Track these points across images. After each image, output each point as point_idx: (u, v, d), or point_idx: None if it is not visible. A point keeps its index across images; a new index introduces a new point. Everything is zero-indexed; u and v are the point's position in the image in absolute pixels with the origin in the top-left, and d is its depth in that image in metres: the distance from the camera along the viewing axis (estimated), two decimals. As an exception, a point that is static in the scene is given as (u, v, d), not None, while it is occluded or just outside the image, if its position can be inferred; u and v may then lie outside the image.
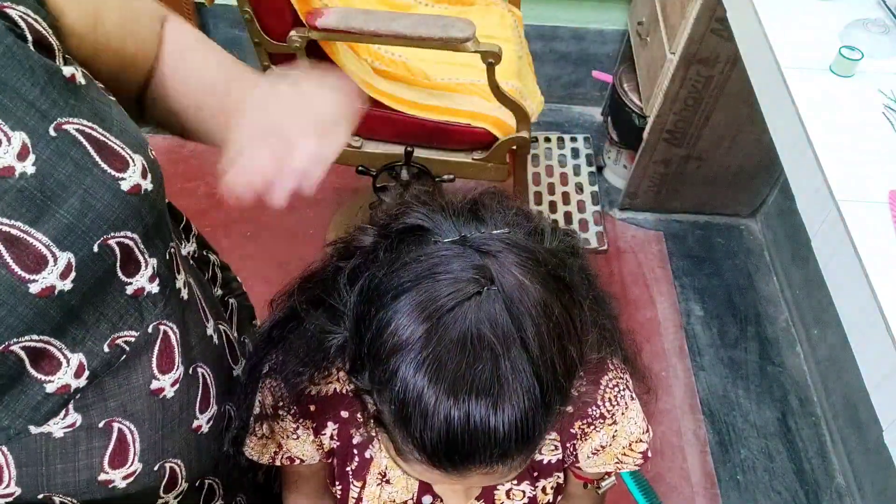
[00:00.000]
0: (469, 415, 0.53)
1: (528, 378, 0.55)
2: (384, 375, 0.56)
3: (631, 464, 0.83)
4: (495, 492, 0.85)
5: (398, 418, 0.56)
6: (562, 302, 0.59)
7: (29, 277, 0.55)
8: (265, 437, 0.82)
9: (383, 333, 0.56)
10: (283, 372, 0.73)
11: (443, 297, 0.55)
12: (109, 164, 0.59)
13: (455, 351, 0.54)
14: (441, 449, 0.55)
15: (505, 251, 0.58)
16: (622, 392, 0.78)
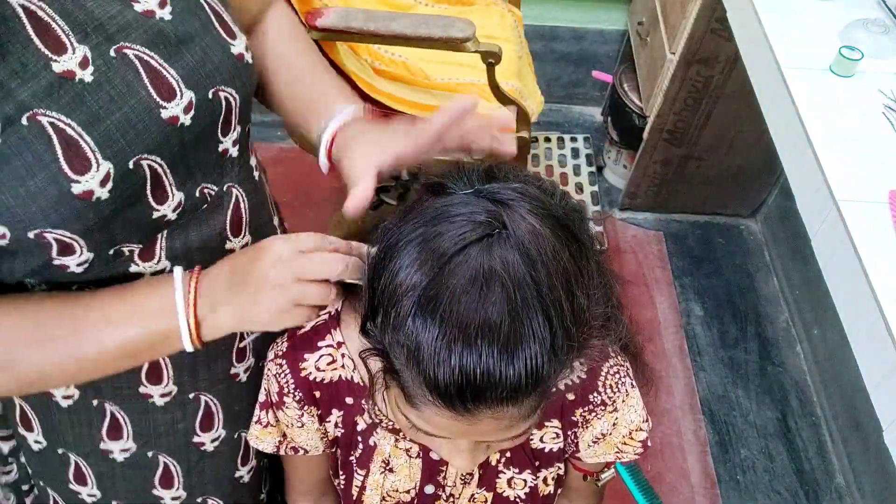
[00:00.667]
0: (481, 350, 0.54)
1: (538, 317, 0.55)
2: (397, 317, 0.57)
3: (631, 453, 0.84)
4: (496, 480, 0.85)
5: (411, 359, 0.56)
6: (570, 251, 0.59)
7: (161, 103, 0.64)
8: (270, 424, 0.83)
9: (397, 277, 0.57)
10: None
11: (455, 236, 0.56)
12: (224, 31, 0.70)
13: (466, 289, 0.55)
14: (453, 387, 0.55)
15: (518, 200, 0.59)
16: (622, 379, 0.79)
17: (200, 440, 0.85)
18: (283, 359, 0.79)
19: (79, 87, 0.60)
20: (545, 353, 0.56)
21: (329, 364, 0.78)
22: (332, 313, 0.79)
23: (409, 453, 0.83)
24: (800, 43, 1.29)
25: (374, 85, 1.59)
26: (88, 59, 0.61)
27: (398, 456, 0.83)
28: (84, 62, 0.61)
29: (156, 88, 0.64)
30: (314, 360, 0.78)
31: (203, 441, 0.86)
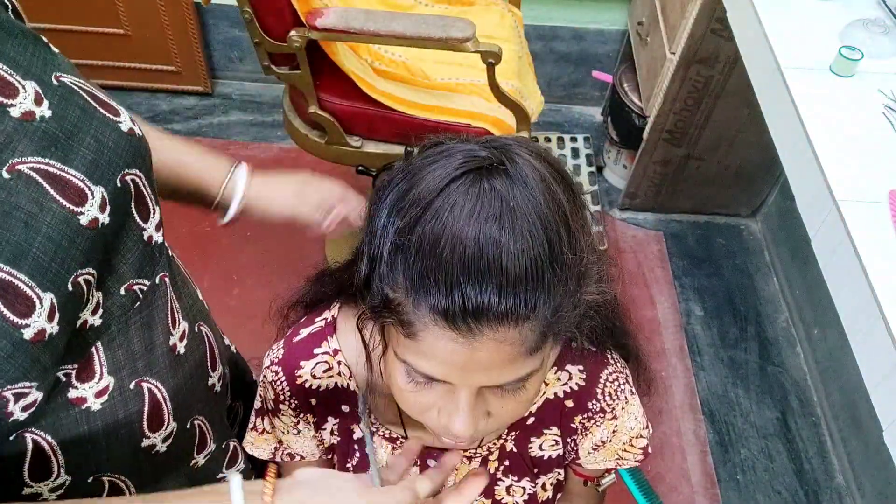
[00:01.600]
0: (483, 245, 0.54)
1: (535, 224, 0.56)
2: (398, 242, 0.57)
3: (631, 460, 0.83)
4: (495, 487, 0.85)
5: (409, 277, 0.56)
6: (566, 194, 0.60)
7: (77, 210, 0.58)
8: (266, 431, 0.83)
9: (397, 203, 0.58)
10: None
11: (456, 164, 0.57)
12: (106, 111, 0.64)
13: (467, 203, 0.55)
14: (456, 298, 0.54)
15: (517, 147, 0.60)
16: (622, 386, 0.79)
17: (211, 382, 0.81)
18: (278, 366, 0.78)
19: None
20: (547, 269, 0.56)
21: (325, 371, 0.78)
22: (328, 320, 0.79)
23: None
24: (800, 43, 1.29)
25: (374, 85, 1.59)
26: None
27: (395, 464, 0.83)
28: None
29: (65, 196, 0.57)
30: (310, 368, 0.78)
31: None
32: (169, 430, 0.70)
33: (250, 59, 2.48)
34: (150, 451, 0.70)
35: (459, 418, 0.62)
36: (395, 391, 0.65)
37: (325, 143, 1.67)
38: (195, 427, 0.75)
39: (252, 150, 2.35)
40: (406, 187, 0.59)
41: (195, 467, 0.78)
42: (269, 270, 2.01)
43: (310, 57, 1.53)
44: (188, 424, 0.74)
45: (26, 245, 0.54)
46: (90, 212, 0.59)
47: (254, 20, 1.50)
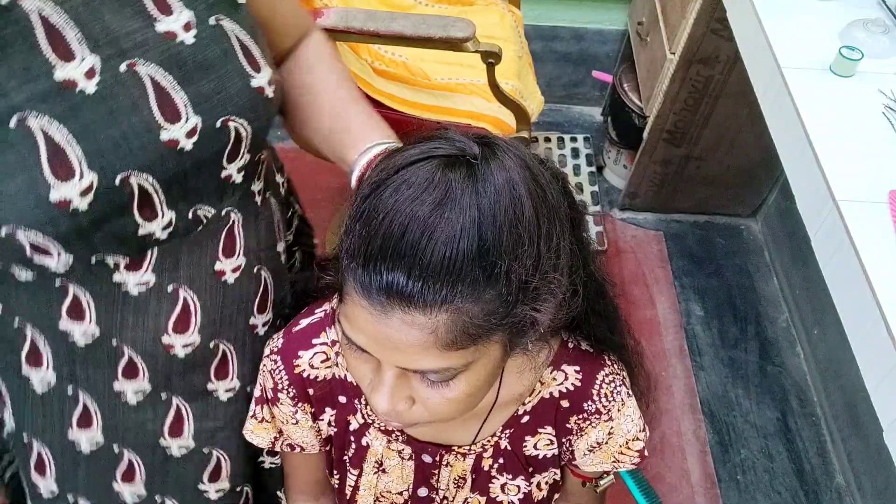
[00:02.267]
0: (406, 222, 0.55)
1: (472, 220, 0.56)
2: (353, 212, 0.59)
3: (628, 462, 0.83)
4: (490, 485, 0.85)
5: (351, 237, 0.58)
6: (537, 212, 0.60)
7: (163, 125, 0.64)
8: (265, 420, 0.83)
9: (364, 192, 0.60)
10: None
11: (430, 147, 0.59)
12: (249, 63, 0.71)
13: (417, 185, 0.56)
14: (373, 268, 0.56)
15: (507, 149, 0.60)
16: (618, 388, 0.79)
17: (167, 444, 0.84)
18: (277, 355, 0.79)
19: (78, 98, 0.60)
20: (465, 269, 0.56)
21: (323, 362, 0.79)
22: (327, 311, 0.80)
23: (401, 455, 0.83)
24: (800, 43, 1.29)
25: (374, 85, 1.59)
26: (96, 70, 0.61)
27: (390, 457, 0.83)
28: (90, 72, 0.61)
29: (160, 108, 0.64)
30: (308, 358, 0.79)
31: (169, 445, 0.84)
32: (191, 340, 0.77)
33: (250, 59, 2.48)
34: (170, 352, 0.77)
35: (379, 393, 0.64)
36: (343, 353, 0.67)
37: (325, 143, 1.67)
38: (218, 349, 0.81)
39: (252, 150, 2.35)
40: (382, 165, 0.60)
41: (212, 393, 0.83)
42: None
43: (310, 57, 1.53)
44: (210, 344, 0.80)
45: (98, 128, 0.61)
46: (175, 132, 0.65)
47: (254, 20, 1.50)
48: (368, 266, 0.56)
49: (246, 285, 0.81)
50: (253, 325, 0.83)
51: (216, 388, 0.83)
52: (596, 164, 2.39)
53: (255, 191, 0.81)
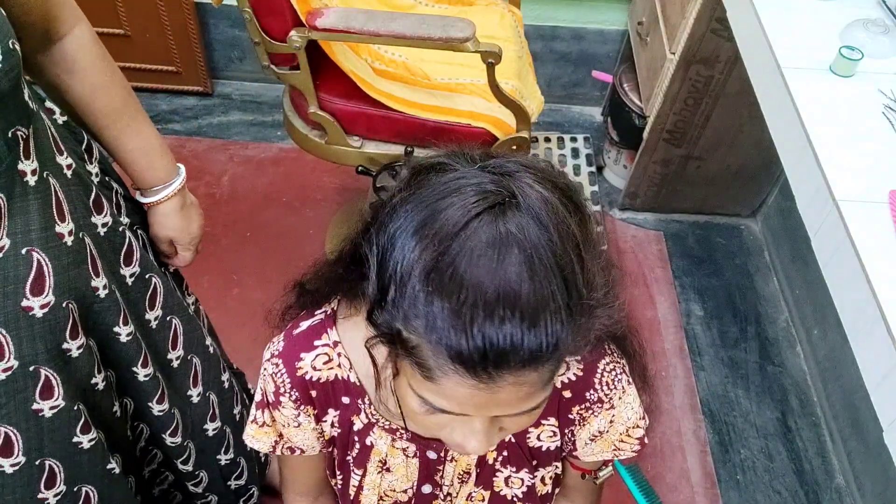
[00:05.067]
0: (503, 311, 0.54)
1: (556, 279, 0.56)
2: (414, 290, 0.56)
3: (628, 450, 0.84)
4: (494, 478, 0.85)
5: (430, 329, 0.56)
6: (576, 219, 0.60)
7: None
8: (266, 424, 0.83)
9: (411, 252, 0.57)
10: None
11: (467, 205, 0.56)
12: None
13: (484, 252, 0.55)
14: (476, 351, 0.55)
15: (522, 171, 0.60)
16: (619, 376, 0.79)
17: (39, 407, 0.86)
18: (279, 358, 0.79)
19: None
20: (564, 314, 0.56)
21: (325, 363, 0.78)
22: (328, 312, 0.79)
23: (405, 453, 0.83)
24: (800, 43, 1.29)
25: (373, 85, 1.59)
26: None
27: (395, 455, 0.83)
28: None
29: None
30: (310, 360, 0.78)
31: (42, 408, 0.86)
32: None
33: (250, 59, 2.48)
34: None
35: (475, 440, 0.64)
36: (406, 412, 0.66)
37: (325, 143, 1.67)
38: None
39: (252, 150, 2.35)
40: (421, 221, 0.57)
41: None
42: (269, 270, 2.01)
43: (310, 57, 1.53)
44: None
45: None
46: None
47: (254, 20, 1.50)
48: (474, 344, 0.54)
49: (13, 267, 0.80)
50: (27, 307, 0.83)
51: (70, 348, 0.85)
52: (596, 164, 2.39)
53: (23, 170, 0.79)
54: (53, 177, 0.83)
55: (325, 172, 2.23)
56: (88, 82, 0.90)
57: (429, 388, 0.59)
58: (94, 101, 0.91)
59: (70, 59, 0.87)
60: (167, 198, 1.03)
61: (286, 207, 2.18)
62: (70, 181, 0.87)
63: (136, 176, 1.01)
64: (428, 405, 0.61)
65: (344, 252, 0.71)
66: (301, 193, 2.21)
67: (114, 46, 2.61)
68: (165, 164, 1.02)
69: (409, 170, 0.65)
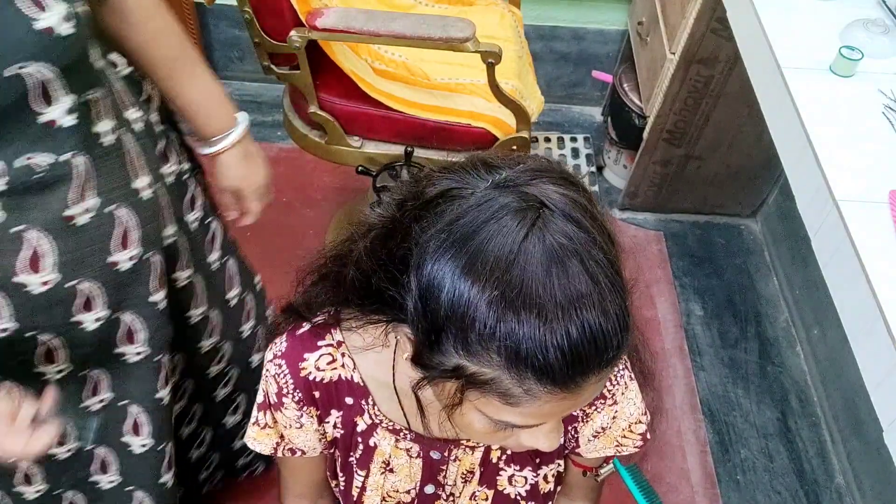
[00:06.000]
0: (583, 322, 0.54)
1: (612, 271, 0.57)
2: (483, 331, 0.55)
3: (631, 446, 0.84)
4: (497, 477, 0.85)
5: (513, 362, 0.55)
6: (592, 206, 0.62)
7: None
8: (267, 426, 0.83)
9: (464, 295, 0.55)
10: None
11: (509, 234, 0.55)
12: (30, 3, 0.68)
13: (545, 274, 0.54)
14: (566, 367, 0.55)
15: (536, 178, 0.60)
16: (621, 372, 0.79)
17: (43, 369, 0.89)
18: (282, 359, 0.78)
19: None
20: (627, 301, 0.58)
21: (329, 364, 0.78)
22: (330, 312, 0.79)
23: (409, 453, 0.83)
24: (800, 43, 1.29)
25: (374, 85, 1.59)
26: None
27: (399, 456, 0.83)
28: None
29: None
30: (314, 360, 0.78)
31: (45, 371, 0.89)
32: (50, 278, 0.82)
33: (250, 59, 2.48)
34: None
35: (546, 441, 0.66)
36: (470, 432, 0.66)
37: (325, 143, 1.67)
38: (75, 289, 0.85)
39: (252, 150, 2.35)
40: (468, 260, 0.55)
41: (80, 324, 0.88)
42: (269, 270, 2.00)
43: (310, 57, 1.53)
44: (68, 284, 0.83)
45: None
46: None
47: (254, 20, 1.50)
48: (561, 360, 0.55)
49: (98, 227, 0.84)
50: (113, 262, 0.86)
51: (83, 320, 0.87)
52: (596, 164, 2.39)
53: (99, 132, 0.82)
54: (126, 133, 0.86)
55: (325, 172, 2.23)
56: (146, 30, 0.91)
57: (510, 411, 0.59)
58: (153, 49, 0.92)
59: (127, 7, 0.88)
60: (229, 146, 1.02)
61: (286, 207, 2.17)
62: (140, 134, 0.90)
63: (197, 125, 1.00)
64: (505, 425, 0.62)
65: (343, 277, 0.68)
66: (301, 193, 2.21)
67: (114, 46, 2.60)
68: (226, 113, 1.03)
69: (420, 202, 0.62)
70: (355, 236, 0.69)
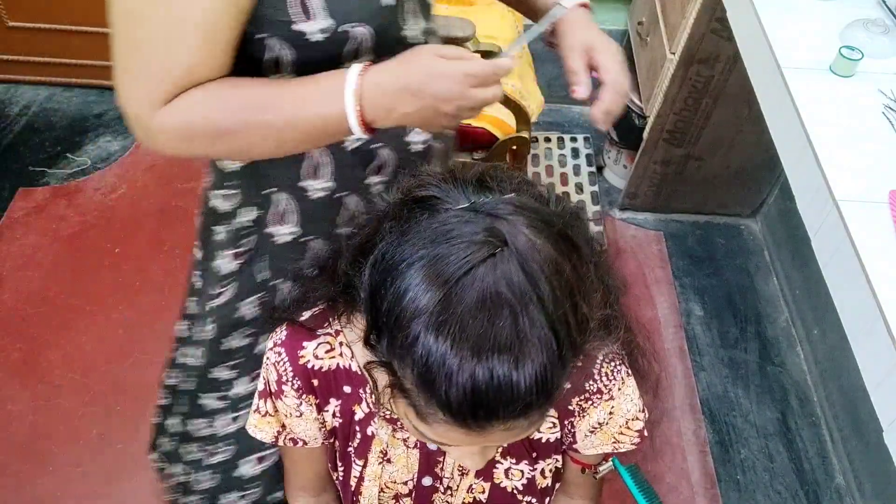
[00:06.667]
0: (493, 372, 0.54)
1: (545, 333, 0.56)
2: (405, 341, 0.56)
3: (628, 443, 0.84)
4: (494, 470, 0.86)
5: (422, 382, 0.57)
6: (571, 260, 0.60)
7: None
8: (268, 414, 0.83)
9: (402, 300, 0.57)
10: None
11: (459, 259, 0.56)
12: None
13: (475, 311, 0.55)
14: (466, 407, 0.56)
15: (515, 213, 0.59)
16: (618, 367, 0.79)
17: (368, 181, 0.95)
18: (281, 346, 0.79)
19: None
20: (553, 366, 0.56)
21: (327, 352, 0.79)
22: (328, 304, 0.79)
23: (406, 443, 0.83)
24: (800, 43, 1.29)
25: (374, 85, 1.59)
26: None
27: (396, 446, 0.84)
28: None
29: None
30: (312, 348, 0.79)
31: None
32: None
33: (250, 59, 2.48)
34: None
35: (471, 461, 0.69)
36: (407, 427, 0.67)
37: (325, 143, 1.67)
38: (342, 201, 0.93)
39: (252, 150, 2.35)
40: (413, 270, 0.57)
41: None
42: (269, 270, 2.00)
43: (310, 57, 1.52)
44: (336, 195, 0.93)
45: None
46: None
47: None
48: (460, 402, 0.56)
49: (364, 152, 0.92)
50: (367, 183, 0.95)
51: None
52: (596, 164, 2.39)
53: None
54: None
55: (325, 172, 2.23)
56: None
57: (423, 426, 0.61)
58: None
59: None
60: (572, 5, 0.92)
61: (286, 207, 2.17)
62: None
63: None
64: (422, 435, 0.63)
65: (328, 267, 0.72)
66: (301, 193, 2.20)
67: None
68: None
69: (401, 194, 0.65)
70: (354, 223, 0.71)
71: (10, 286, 1.96)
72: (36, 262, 2.02)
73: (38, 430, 1.69)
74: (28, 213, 2.14)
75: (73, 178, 2.24)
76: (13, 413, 1.72)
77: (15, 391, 1.76)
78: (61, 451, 1.66)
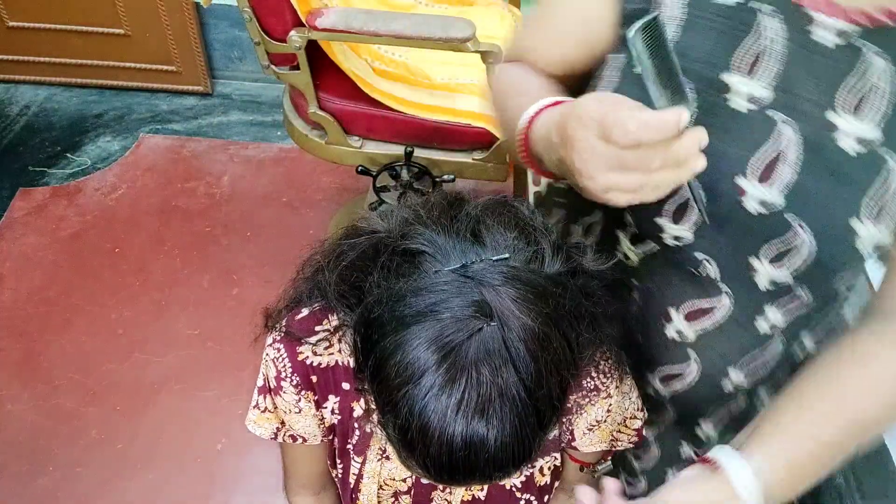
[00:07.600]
0: (471, 446, 0.57)
1: (526, 409, 0.58)
2: (389, 401, 0.59)
3: (626, 441, 0.85)
4: None
5: (402, 442, 0.59)
6: (560, 331, 0.61)
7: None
8: (268, 410, 0.84)
9: (387, 363, 0.59)
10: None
11: (446, 335, 0.58)
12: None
13: (457, 387, 0.57)
14: (443, 472, 0.59)
15: (504, 284, 0.60)
16: (616, 365, 0.79)
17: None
18: (280, 343, 0.79)
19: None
20: (534, 435, 0.59)
21: (326, 348, 0.79)
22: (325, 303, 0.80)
23: None
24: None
25: (374, 85, 1.59)
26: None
27: None
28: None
29: None
30: (311, 345, 0.79)
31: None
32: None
33: (250, 59, 2.48)
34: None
35: (455, 495, 0.71)
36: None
37: (325, 143, 1.68)
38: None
39: (252, 150, 2.35)
40: (395, 338, 0.59)
41: None
42: (269, 270, 2.01)
43: (310, 57, 1.53)
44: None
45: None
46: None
47: (254, 20, 1.50)
48: (440, 475, 0.60)
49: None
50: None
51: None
52: (596, 164, 2.38)
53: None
54: None
55: (325, 172, 2.23)
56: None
57: (406, 463, 0.63)
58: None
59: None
60: None
61: (286, 207, 2.18)
62: None
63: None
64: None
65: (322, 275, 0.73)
66: (301, 193, 2.21)
67: (114, 46, 2.62)
68: None
69: (392, 250, 0.65)
70: (349, 236, 0.72)
71: (9, 286, 1.97)
72: (36, 262, 2.02)
73: (38, 430, 1.70)
74: (28, 213, 2.15)
75: (73, 178, 2.25)
76: (13, 413, 1.72)
77: (15, 391, 1.76)
78: (61, 451, 1.67)
